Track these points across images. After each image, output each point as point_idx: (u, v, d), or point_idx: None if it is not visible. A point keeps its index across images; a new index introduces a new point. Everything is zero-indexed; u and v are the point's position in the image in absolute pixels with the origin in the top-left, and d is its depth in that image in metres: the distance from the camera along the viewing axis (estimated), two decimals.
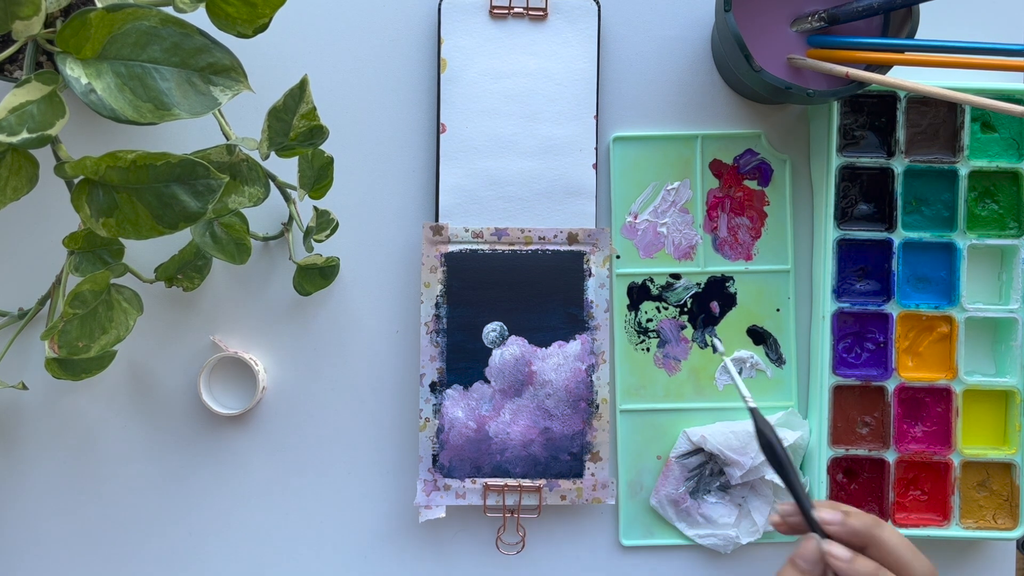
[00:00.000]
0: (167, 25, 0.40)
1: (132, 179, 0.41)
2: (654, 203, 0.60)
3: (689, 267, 0.59)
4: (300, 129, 0.48)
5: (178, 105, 0.41)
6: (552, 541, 0.60)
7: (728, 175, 0.60)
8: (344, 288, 0.60)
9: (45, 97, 0.40)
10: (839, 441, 0.58)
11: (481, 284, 0.58)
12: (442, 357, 0.58)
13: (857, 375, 0.58)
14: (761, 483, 0.58)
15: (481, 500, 0.58)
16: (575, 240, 0.58)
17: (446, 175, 0.58)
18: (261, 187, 0.49)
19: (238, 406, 0.59)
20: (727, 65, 0.57)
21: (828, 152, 0.57)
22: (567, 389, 0.58)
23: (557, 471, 0.58)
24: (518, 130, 0.58)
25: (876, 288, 0.58)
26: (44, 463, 0.59)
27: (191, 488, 0.59)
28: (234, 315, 0.59)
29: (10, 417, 0.59)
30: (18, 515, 0.59)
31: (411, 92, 0.60)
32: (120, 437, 0.59)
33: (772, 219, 0.60)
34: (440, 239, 0.58)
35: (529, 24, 0.58)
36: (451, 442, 0.58)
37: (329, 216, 0.55)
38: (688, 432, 0.58)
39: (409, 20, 0.59)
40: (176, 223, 0.42)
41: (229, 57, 0.42)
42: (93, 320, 0.48)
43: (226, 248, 0.53)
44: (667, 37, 0.60)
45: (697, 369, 0.60)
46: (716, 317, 0.60)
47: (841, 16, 0.52)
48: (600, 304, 0.58)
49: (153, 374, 0.59)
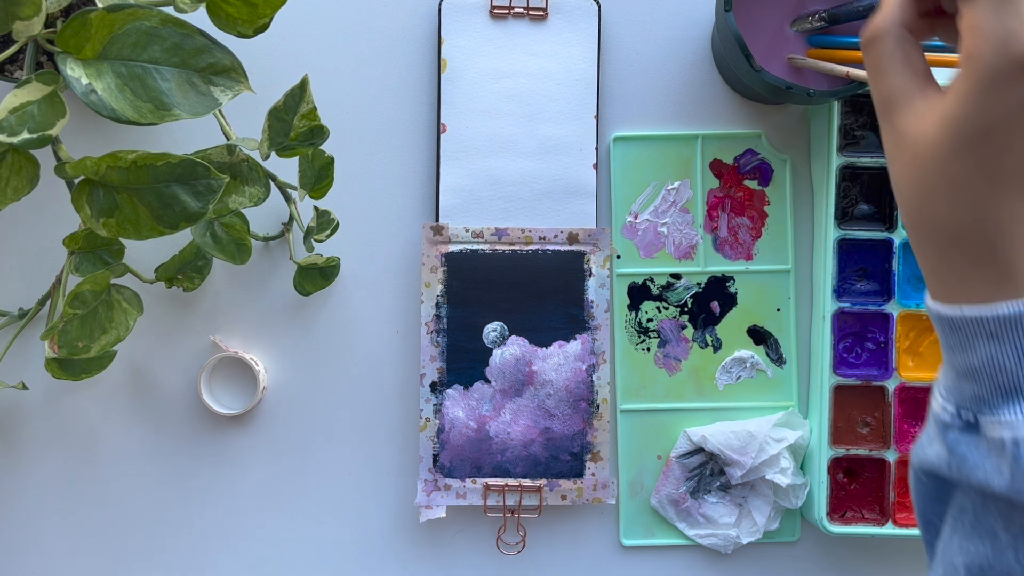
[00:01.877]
0: (167, 25, 0.40)
1: (132, 179, 0.41)
2: (654, 203, 0.60)
3: (689, 267, 0.59)
4: (300, 129, 0.48)
5: (178, 105, 0.41)
6: (552, 541, 0.60)
7: (728, 175, 0.60)
8: (344, 288, 0.60)
9: (46, 97, 0.40)
10: (840, 441, 0.58)
11: (481, 284, 0.58)
12: (442, 357, 0.58)
13: (858, 375, 0.58)
14: (761, 483, 0.58)
15: (481, 500, 0.58)
16: (575, 240, 0.58)
17: (446, 175, 0.58)
18: (261, 187, 0.49)
19: (238, 406, 0.59)
20: (727, 65, 0.57)
21: (828, 152, 0.57)
22: (567, 389, 0.58)
23: (557, 471, 0.58)
24: (518, 130, 0.58)
25: (876, 288, 0.58)
26: (44, 463, 0.59)
27: (191, 488, 0.59)
28: (234, 315, 0.59)
29: (10, 417, 0.59)
30: (18, 515, 0.59)
31: (411, 92, 0.60)
32: (120, 437, 0.59)
33: (772, 219, 0.60)
34: (440, 239, 0.58)
35: (529, 24, 0.58)
36: (451, 442, 0.58)
37: (329, 216, 0.55)
38: (688, 432, 0.58)
39: (409, 20, 0.59)
40: (176, 223, 0.42)
41: (229, 57, 0.42)
42: (93, 320, 0.48)
43: (226, 248, 0.53)
44: (667, 37, 0.60)
45: (697, 369, 0.60)
46: (716, 317, 0.60)
47: (841, 16, 0.52)
48: (600, 304, 0.58)
49: (153, 374, 0.59)
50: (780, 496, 0.58)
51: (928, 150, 0.33)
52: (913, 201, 0.34)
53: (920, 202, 0.34)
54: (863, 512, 0.58)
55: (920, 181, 0.33)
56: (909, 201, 0.34)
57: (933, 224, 0.34)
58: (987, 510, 0.34)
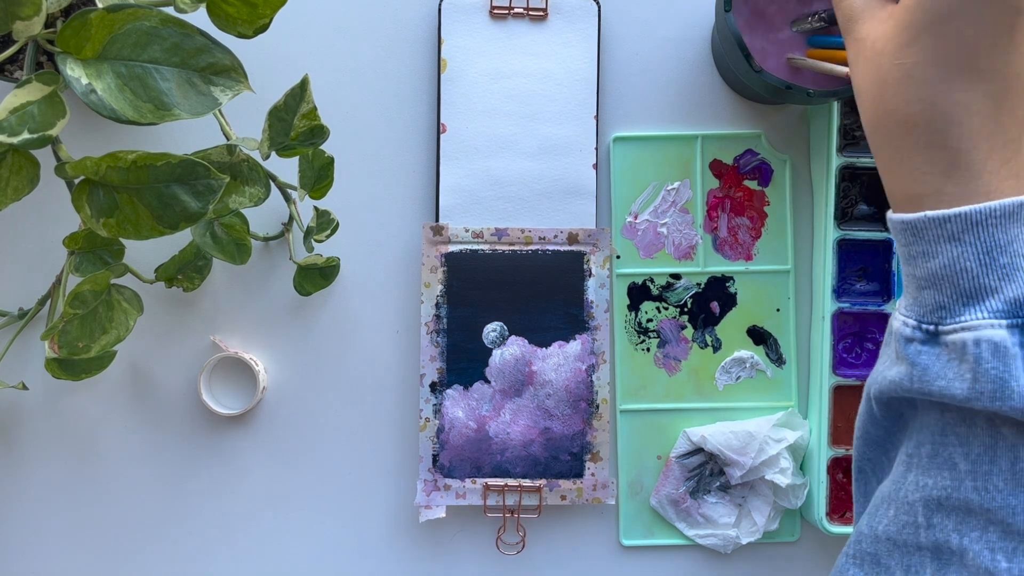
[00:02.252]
0: (167, 25, 0.40)
1: (132, 179, 0.41)
2: (654, 203, 0.60)
3: (689, 267, 0.59)
4: (301, 129, 0.48)
5: (178, 105, 0.41)
6: (552, 541, 0.60)
7: (728, 175, 0.60)
8: (344, 288, 0.60)
9: (46, 97, 0.40)
10: (839, 441, 0.58)
11: (481, 284, 0.58)
12: (442, 357, 0.58)
13: (857, 375, 0.58)
14: (761, 483, 0.58)
15: (481, 500, 0.58)
16: (575, 240, 0.58)
17: (446, 175, 0.58)
18: (262, 187, 0.49)
19: (238, 406, 0.59)
20: (727, 65, 0.57)
21: (828, 152, 0.57)
22: (567, 389, 0.58)
23: (557, 471, 0.58)
24: (518, 130, 0.58)
25: (876, 288, 0.58)
26: (44, 463, 0.59)
27: (191, 488, 0.59)
28: (234, 315, 0.59)
29: (10, 417, 0.59)
30: (18, 515, 0.59)
31: (411, 92, 0.60)
32: (120, 437, 0.59)
33: (772, 219, 0.60)
34: (440, 239, 0.58)
35: (529, 24, 0.58)
36: (451, 442, 0.58)
37: (329, 216, 0.55)
38: (688, 432, 0.58)
39: (409, 20, 0.59)
40: (176, 223, 0.42)
41: (229, 57, 0.42)
42: (93, 320, 0.48)
43: (226, 248, 0.53)
44: (667, 37, 0.60)
45: (697, 369, 0.60)
46: (716, 317, 0.60)
47: None
48: (600, 304, 0.58)
49: (153, 374, 0.59)
50: (780, 496, 0.58)
51: (884, 46, 0.35)
52: (871, 94, 0.36)
53: (877, 95, 0.35)
54: None
55: (876, 75, 0.35)
56: (868, 97, 0.36)
57: (888, 115, 0.35)
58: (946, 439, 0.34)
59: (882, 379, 0.36)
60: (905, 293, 0.37)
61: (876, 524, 0.36)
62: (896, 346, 0.36)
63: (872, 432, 0.38)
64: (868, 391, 0.38)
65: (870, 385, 0.38)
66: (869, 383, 0.38)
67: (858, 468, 0.40)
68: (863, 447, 0.39)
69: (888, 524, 0.36)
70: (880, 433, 0.38)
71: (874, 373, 0.38)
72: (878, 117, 0.36)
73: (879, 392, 0.37)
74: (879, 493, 0.37)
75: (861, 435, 0.39)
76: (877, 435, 0.38)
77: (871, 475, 0.40)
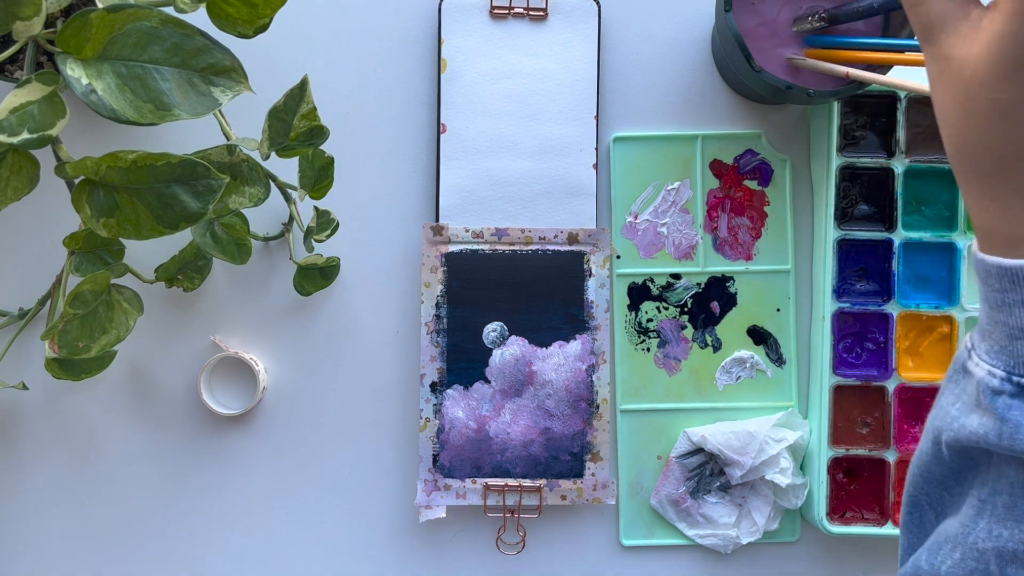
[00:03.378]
0: (168, 26, 0.40)
1: (133, 179, 0.41)
2: (654, 203, 0.60)
3: (689, 267, 0.59)
4: (300, 129, 0.48)
5: (178, 105, 0.41)
6: (552, 541, 0.60)
7: (728, 175, 0.60)
8: (344, 288, 0.60)
9: (46, 97, 0.40)
10: (839, 441, 0.58)
11: (481, 284, 0.58)
12: (442, 357, 0.58)
13: (857, 375, 0.58)
14: (761, 483, 0.58)
15: (481, 500, 0.58)
16: (575, 240, 0.58)
17: (446, 175, 0.58)
18: (262, 187, 0.49)
19: (238, 406, 0.59)
20: (727, 65, 0.57)
21: (828, 152, 0.57)
22: (567, 389, 0.58)
23: (557, 471, 0.58)
24: (518, 130, 0.58)
25: (876, 288, 0.58)
26: (44, 463, 0.59)
27: (191, 488, 0.59)
28: (234, 315, 0.59)
29: (10, 417, 0.59)
30: (18, 515, 0.59)
31: (411, 92, 0.60)
32: (120, 437, 0.59)
33: (772, 219, 0.60)
34: (440, 239, 0.58)
35: (529, 24, 0.58)
36: (451, 442, 0.58)
37: (329, 216, 0.55)
38: (688, 432, 0.58)
39: (409, 20, 0.59)
40: (177, 223, 0.42)
41: (230, 58, 0.42)
42: (93, 320, 0.48)
43: (226, 248, 0.53)
44: (667, 37, 0.60)
45: (697, 369, 0.60)
46: (716, 317, 0.60)
47: (841, 16, 0.52)
48: (600, 304, 0.58)
49: (153, 374, 0.59)
50: (780, 496, 0.58)
51: (974, 74, 0.31)
52: (958, 123, 0.32)
53: (965, 126, 0.32)
54: (863, 512, 0.58)
55: (965, 104, 0.32)
56: (954, 128, 0.33)
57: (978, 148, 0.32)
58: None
59: (959, 427, 0.34)
60: (986, 336, 0.33)
61: (939, 564, 0.35)
62: (980, 396, 0.33)
63: (936, 472, 0.36)
64: (938, 436, 0.35)
65: (940, 430, 0.35)
66: (939, 427, 0.35)
67: (912, 502, 0.38)
68: (923, 484, 0.37)
69: (953, 566, 0.34)
70: (945, 472, 0.36)
71: (942, 415, 0.35)
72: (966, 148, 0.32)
73: (954, 440, 0.34)
74: (943, 532, 0.36)
75: (921, 473, 0.37)
76: (941, 474, 0.36)
77: (928, 509, 0.37)
